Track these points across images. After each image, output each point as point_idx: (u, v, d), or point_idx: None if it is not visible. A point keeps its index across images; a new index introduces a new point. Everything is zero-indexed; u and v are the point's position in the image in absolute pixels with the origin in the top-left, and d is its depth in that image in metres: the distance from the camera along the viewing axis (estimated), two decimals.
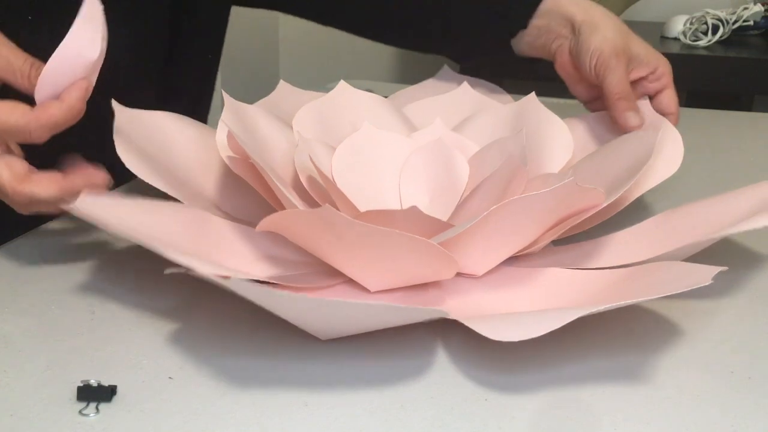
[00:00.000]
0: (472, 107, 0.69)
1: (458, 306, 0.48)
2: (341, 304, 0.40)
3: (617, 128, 0.65)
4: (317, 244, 0.48)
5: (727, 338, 0.45)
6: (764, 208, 0.51)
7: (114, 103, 0.56)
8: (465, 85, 0.72)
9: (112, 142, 0.53)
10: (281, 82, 0.71)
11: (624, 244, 0.54)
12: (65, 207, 0.48)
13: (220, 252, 0.51)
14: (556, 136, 0.62)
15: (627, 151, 0.57)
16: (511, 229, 0.49)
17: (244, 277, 0.40)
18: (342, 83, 0.67)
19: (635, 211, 0.61)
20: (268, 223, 0.47)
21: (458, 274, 0.50)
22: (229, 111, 0.59)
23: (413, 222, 0.47)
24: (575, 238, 0.53)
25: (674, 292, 0.41)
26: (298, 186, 0.55)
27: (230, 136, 0.54)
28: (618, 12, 1.53)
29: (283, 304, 0.41)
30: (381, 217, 0.47)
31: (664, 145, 0.59)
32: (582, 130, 0.67)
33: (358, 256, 0.47)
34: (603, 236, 0.55)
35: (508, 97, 0.74)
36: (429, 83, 0.77)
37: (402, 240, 0.44)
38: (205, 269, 0.41)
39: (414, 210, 0.47)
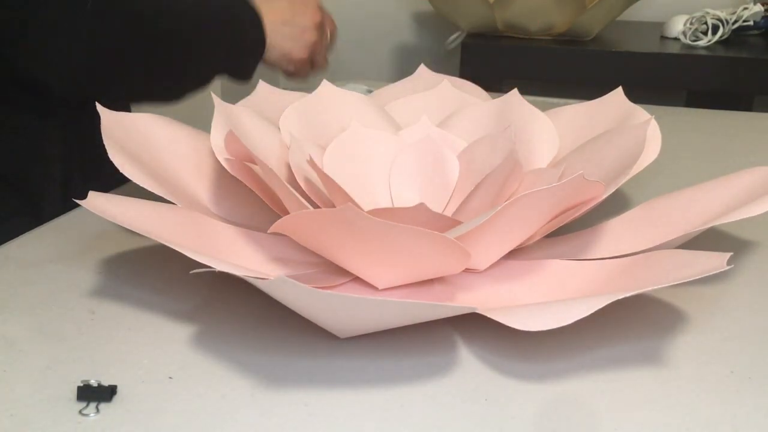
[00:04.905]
0: (454, 104, 0.70)
1: (469, 301, 0.48)
2: (382, 302, 0.40)
3: (599, 120, 0.64)
4: (328, 243, 0.48)
5: (728, 338, 0.45)
6: (760, 193, 0.51)
7: (98, 106, 0.56)
8: (445, 83, 0.72)
9: None
10: (260, 82, 0.71)
11: (617, 235, 0.54)
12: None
13: (228, 254, 0.50)
14: (541, 131, 0.62)
15: (616, 145, 0.57)
16: (517, 223, 0.49)
17: (264, 277, 0.40)
18: (325, 82, 0.67)
19: (618, 200, 0.61)
20: (282, 224, 0.46)
21: (462, 270, 0.50)
22: (220, 113, 0.58)
23: (420, 219, 0.47)
24: (563, 228, 0.54)
25: (690, 279, 0.41)
26: (293, 186, 0.55)
27: (229, 138, 0.54)
28: (618, 12, 1.53)
29: (325, 302, 0.40)
30: (388, 214, 0.47)
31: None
32: (561, 123, 0.67)
33: (372, 253, 0.46)
34: (592, 227, 0.55)
35: (486, 94, 0.74)
36: (407, 81, 0.77)
37: (420, 236, 0.44)
38: (231, 269, 0.42)
39: (421, 207, 0.47)
